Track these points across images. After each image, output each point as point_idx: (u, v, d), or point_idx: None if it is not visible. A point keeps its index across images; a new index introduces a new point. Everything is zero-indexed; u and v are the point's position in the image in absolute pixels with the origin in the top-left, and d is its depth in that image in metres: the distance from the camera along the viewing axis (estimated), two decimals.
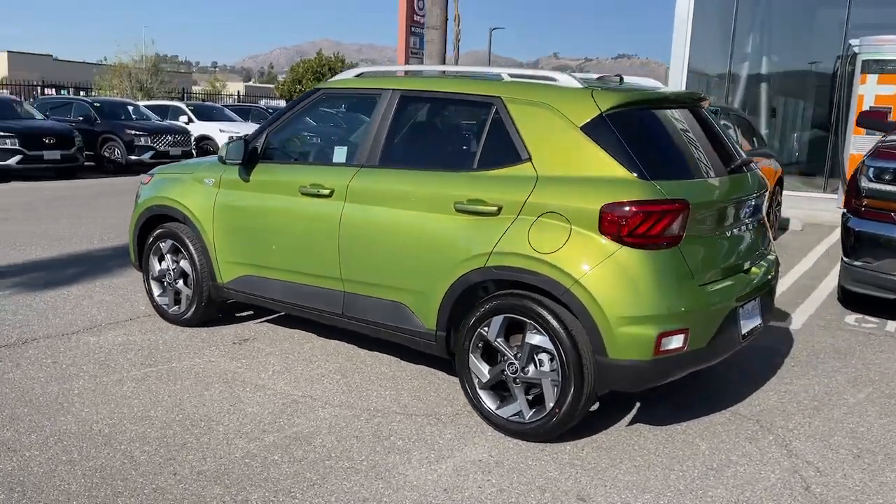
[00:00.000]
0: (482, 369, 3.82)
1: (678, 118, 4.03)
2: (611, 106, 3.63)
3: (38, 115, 16.88)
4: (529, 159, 3.72)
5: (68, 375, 4.35)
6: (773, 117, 15.15)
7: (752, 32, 13.83)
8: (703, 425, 3.96)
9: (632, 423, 3.98)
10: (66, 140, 15.57)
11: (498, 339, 3.74)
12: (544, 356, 3.62)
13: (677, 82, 12.73)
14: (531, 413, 3.68)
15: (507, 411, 3.76)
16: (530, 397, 3.72)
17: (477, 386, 3.84)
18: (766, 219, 4.47)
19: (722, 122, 8.23)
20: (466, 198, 3.82)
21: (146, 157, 17.25)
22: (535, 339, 3.61)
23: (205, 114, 21.99)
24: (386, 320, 4.20)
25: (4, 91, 36.86)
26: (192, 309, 5.19)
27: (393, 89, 4.32)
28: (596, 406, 4.17)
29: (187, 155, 18.00)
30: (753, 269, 4.04)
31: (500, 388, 3.83)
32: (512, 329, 3.74)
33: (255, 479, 3.28)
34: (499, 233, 3.68)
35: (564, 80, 3.85)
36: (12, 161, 14.70)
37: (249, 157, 4.71)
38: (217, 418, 3.87)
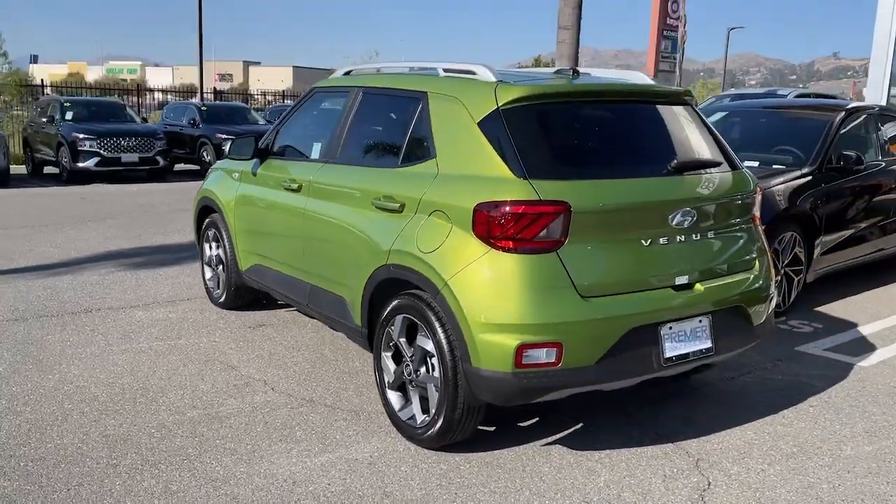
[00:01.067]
0: (390, 368, 3.75)
1: (621, 114, 3.62)
2: (509, 100, 3.37)
3: (261, 121, 19.08)
4: (436, 156, 3.59)
5: (90, 342, 4.97)
6: None
7: None
8: (627, 456, 3.52)
9: (551, 443, 3.65)
10: None
11: (400, 339, 3.65)
12: (436, 360, 3.46)
13: (878, 83, 11.02)
14: (422, 418, 3.55)
15: (405, 413, 3.66)
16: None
17: (386, 384, 3.78)
18: (758, 225, 3.84)
19: (879, 123, 7.07)
20: (382, 194, 3.77)
21: None
22: (429, 343, 3.47)
23: None
24: (334, 313, 4.26)
25: (289, 101, 42.44)
26: (225, 293, 5.64)
27: (358, 87, 4.37)
28: (533, 421, 3.90)
29: None
30: (699, 284, 3.49)
31: (406, 390, 3.73)
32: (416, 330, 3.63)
33: (141, 448, 3.54)
34: (398, 230, 3.60)
35: (482, 73, 3.63)
36: None
37: (259, 153, 5.02)
38: (169, 391, 4.21)
